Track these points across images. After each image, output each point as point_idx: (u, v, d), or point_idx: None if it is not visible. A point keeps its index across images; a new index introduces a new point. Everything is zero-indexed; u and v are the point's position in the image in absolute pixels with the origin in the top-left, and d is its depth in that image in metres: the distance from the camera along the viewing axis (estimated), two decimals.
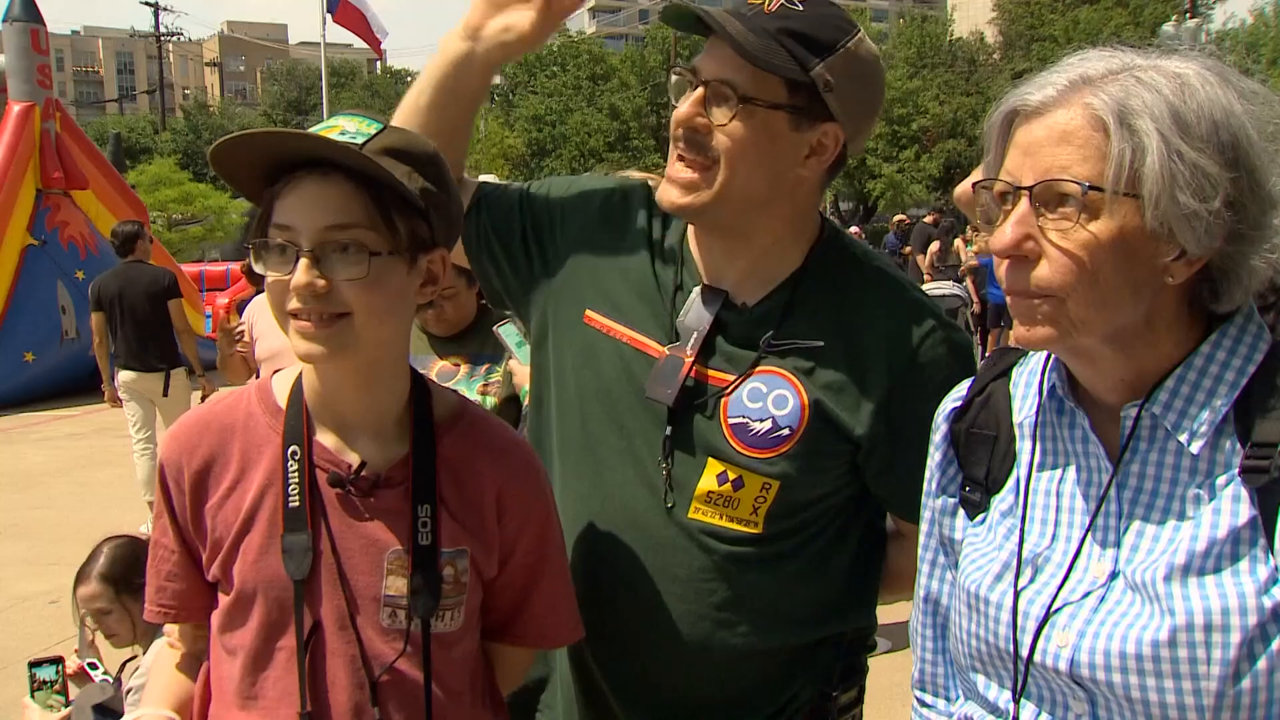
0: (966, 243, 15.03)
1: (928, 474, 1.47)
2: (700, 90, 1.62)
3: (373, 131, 1.43)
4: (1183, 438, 1.20)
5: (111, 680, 2.88)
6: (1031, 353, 1.39)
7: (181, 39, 64.19)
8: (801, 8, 1.60)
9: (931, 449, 1.47)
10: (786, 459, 1.66)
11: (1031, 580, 1.27)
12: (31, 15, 13.67)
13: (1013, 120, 1.22)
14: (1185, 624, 1.14)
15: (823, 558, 1.73)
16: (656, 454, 1.71)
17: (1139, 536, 1.21)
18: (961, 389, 1.46)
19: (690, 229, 1.78)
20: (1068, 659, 1.21)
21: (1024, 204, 1.17)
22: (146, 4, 54.39)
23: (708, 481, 1.69)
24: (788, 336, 1.68)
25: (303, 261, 1.39)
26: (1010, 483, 1.35)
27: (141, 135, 50.27)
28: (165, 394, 7.88)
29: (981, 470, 1.38)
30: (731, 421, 1.68)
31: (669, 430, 1.70)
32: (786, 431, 1.66)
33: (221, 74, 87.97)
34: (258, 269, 1.45)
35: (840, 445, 1.68)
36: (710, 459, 1.69)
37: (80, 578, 3.11)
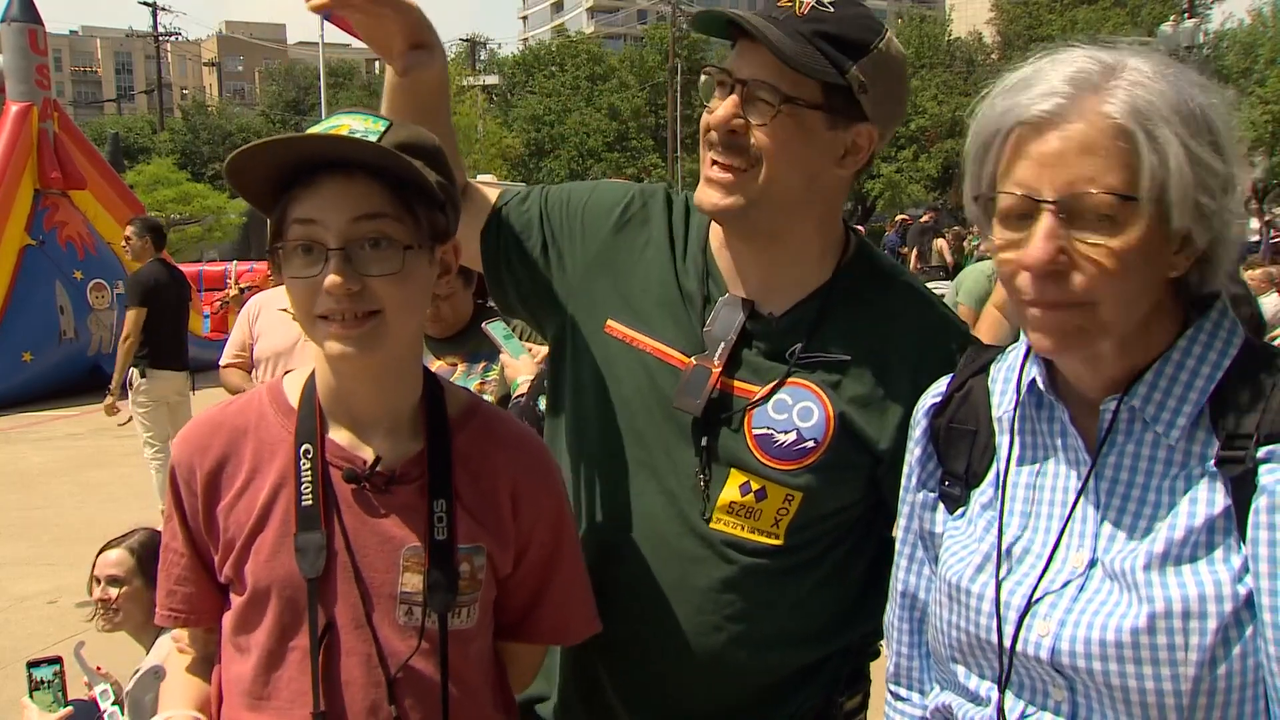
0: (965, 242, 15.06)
1: (906, 469, 1.49)
2: (736, 91, 1.61)
3: (382, 129, 1.43)
4: (1160, 429, 1.22)
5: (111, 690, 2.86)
6: (1009, 349, 1.41)
7: (180, 39, 64.07)
8: (832, 9, 1.61)
9: (911, 444, 1.49)
10: (811, 471, 1.66)
11: (1012, 571, 1.29)
12: (30, 15, 13.68)
13: (1011, 131, 1.22)
14: (1164, 611, 1.16)
15: (839, 570, 1.74)
16: (679, 464, 1.69)
17: (1116, 526, 1.24)
18: (940, 385, 1.48)
19: (714, 238, 1.76)
20: (1049, 648, 1.23)
21: (1049, 218, 1.17)
22: (145, 4, 54.27)
23: (730, 492, 1.68)
24: (816, 349, 1.67)
25: (334, 261, 1.37)
26: (990, 476, 1.37)
27: (140, 135, 50.15)
28: (194, 390, 7.67)
29: (961, 464, 1.40)
30: (756, 433, 1.67)
31: (694, 441, 1.69)
32: (811, 444, 1.66)
33: (220, 74, 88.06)
34: (284, 273, 1.43)
35: (863, 458, 1.68)
36: (733, 469, 1.68)
37: (106, 547, 3.20)
